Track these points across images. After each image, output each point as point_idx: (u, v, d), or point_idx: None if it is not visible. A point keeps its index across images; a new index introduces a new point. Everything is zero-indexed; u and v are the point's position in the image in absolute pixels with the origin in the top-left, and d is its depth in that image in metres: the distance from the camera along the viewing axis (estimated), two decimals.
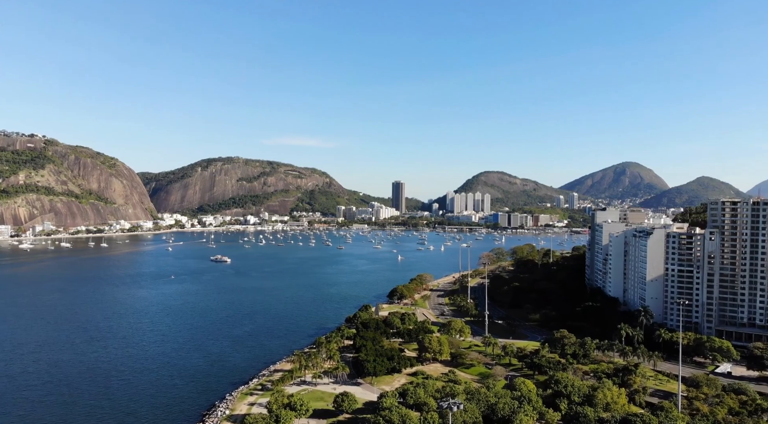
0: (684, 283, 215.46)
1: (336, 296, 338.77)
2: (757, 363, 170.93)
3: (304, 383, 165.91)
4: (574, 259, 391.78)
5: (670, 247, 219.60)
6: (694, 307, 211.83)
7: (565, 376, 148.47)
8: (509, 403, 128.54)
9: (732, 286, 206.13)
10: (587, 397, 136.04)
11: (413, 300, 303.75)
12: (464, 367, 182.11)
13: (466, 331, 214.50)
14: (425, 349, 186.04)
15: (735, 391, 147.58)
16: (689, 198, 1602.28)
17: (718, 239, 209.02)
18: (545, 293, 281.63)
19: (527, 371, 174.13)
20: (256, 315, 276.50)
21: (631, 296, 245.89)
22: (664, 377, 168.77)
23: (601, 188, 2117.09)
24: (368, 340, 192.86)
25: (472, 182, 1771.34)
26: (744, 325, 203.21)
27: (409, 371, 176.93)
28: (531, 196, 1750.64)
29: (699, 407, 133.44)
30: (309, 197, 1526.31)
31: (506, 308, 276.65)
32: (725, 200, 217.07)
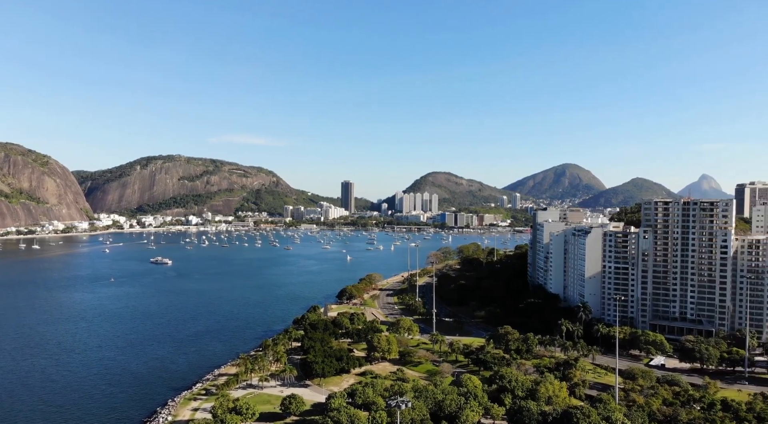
0: (620, 279, 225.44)
1: (284, 297, 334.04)
2: (688, 355, 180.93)
3: (250, 386, 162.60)
4: (517, 257, 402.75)
5: (607, 245, 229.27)
6: (630, 302, 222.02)
7: (509, 371, 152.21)
8: (456, 399, 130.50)
9: (664, 282, 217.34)
10: (530, 391, 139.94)
11: (363, 300, 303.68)
12: (412, 365, 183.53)
13: (415, 329, 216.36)
14: (374, 348, 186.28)
15: (668, 382, 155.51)
16: (625, 198, 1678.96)
17: (651, 237, 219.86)
18: (490, 291, 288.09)
19: (473, 367, 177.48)
20: (200, 318, 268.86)
21: (571, 292, 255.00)
22: (602, 370, 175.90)
23: (542, 189, 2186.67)
24: (316, 341, 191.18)
25: (421, 183, 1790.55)
26: (676, 319, 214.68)
27: (358, 371, 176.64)
28: (476, 196, 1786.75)
29: (635, 399, 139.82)
30: (255, 197, 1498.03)
31: (453, 306, 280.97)
32: (658, 200, 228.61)
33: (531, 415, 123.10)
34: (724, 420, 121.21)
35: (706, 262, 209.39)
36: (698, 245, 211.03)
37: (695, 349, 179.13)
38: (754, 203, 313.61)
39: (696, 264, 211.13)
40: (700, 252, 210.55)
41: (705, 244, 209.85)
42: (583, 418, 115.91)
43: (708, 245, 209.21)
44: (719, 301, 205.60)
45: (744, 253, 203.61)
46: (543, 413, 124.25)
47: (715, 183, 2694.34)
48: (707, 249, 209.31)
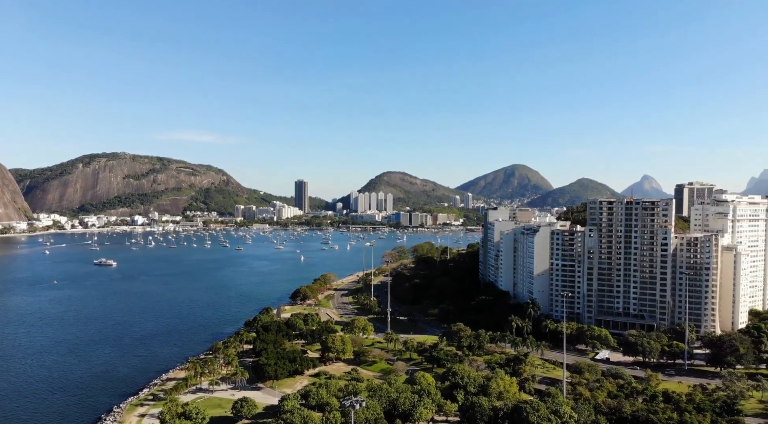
0: (567, 276, 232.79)
1: (235, 299, 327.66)
2: (631, 349, 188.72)
3: (200, 390, 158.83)
4: (469, 256, 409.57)
5: (555, 243, 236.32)
6: (576, 298, 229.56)
7: (461, 368, 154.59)
8: (410, 397, 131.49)
9: (609, 279, 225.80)
10: (482, 387, 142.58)
11: (317, 300, 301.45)
12: (367, 364, 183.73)
13: (369, 329, 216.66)
14: (328, 349, 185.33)
15: (613, 375, 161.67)
16: (571, 198, 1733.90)
17: (596, 235, 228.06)
18: (443, 289, 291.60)
19: (427, 364, 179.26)
20: (147, 322, 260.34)
21: (520, 289, 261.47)
22: (550, 365, 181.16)
23: (493, 189, 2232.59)
24: (269, 343, 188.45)
25: (376, 182, 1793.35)
26: (620, 314, 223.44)
27: (312, 372, 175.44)
28: (430, 196, 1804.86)
29: (582, 392, 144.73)
30: (204, 196, 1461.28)
31: (408, 305, 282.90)
32: (602, 200, 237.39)
33: (482, 411, 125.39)
34: (666, 411, 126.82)
35: (647, 259, 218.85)
36: (640, 243, 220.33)
37: (638, 343, 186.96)
38: (692, 203, 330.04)
39: (638, 261, 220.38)
40: (642, 250, 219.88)
41: (646, 242, 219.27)
42: (532, 412, 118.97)
43: (649, 242, 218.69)
44: (660, 296, 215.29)
45: (683, 250, 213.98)
46: (494, 409, 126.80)
47: (656, 183, 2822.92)
48: (649, 247, 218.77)
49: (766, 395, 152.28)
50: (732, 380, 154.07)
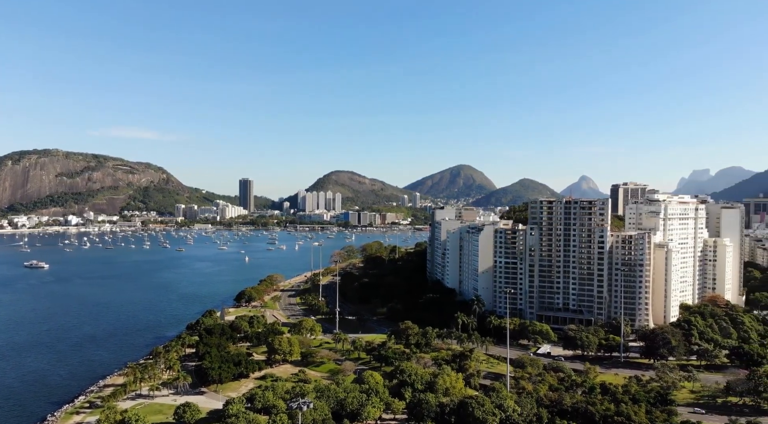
0: (510, 274, 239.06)
1: (176, 302, 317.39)
2: (571, 343, 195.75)
3: (139, 396, 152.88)
4: (417, 254, 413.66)
5: (498, 242, 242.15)
6: (519, 295, 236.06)
7: (409, 365, 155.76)
8: (358, 396, 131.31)
9: (549, 275, 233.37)
10: (429, 384, 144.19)
11: (263, 302, 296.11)
12: (315, 365, 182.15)
13: (317, 329, 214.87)
14: (275, 351, 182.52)
15: (554, 369, 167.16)
16: (513, 198, 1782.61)
17: (537, 234, 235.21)
18: (392, 288, 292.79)
19: (375, 363, 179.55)
20: (83, 326, 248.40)
21: (466, 286, 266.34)
22: (495, 360, 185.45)
23: (439, 188, 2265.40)
24: (212, 346, 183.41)
25: (324, 181, 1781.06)
26: (560, 309, 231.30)
27: (258, 374, 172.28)
28: (379, 195, 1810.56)
29: (524, 386, 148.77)
30: (143, 195, 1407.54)
31: (357, 304, 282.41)
32: (543, 200, 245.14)
33: (429, 407, 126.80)
34: (603, 403, 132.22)
35: (585, 256, 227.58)
36: (578, 241, 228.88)
37: (577, 337, 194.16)
38: (626, 202, 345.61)
39: (577, 258, 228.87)
40: (580, 247, 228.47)
41: (584, 240, 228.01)
42: (477, 407, 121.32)
43: (587, 240, 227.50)
44: (597, 292, 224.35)
45: (618, 247, 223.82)
46: (441, 405, 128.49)
47: (593, 184, 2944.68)
48: (586, 245, 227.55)
49: (696, 385, 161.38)
50: (665, 372, 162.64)
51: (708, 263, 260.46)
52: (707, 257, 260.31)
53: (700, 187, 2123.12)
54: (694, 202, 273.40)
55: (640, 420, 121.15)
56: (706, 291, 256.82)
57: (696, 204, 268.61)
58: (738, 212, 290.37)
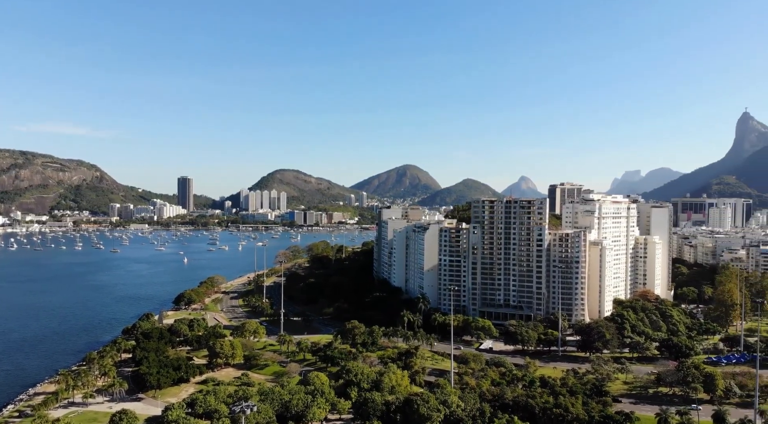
0: (454, 271, 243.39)
1: (111, 305, 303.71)
2: (512, 338, 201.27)
3: (72, 404, 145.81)
4: (363, 253, 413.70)
5: (442, 240, 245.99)
6: (462, 292, 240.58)
7: (355, 365, 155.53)
8: (303, 398, 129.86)
9: (491, 272, 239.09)
10: (375, 382, 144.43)
11: (203, 304, 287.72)
12: (258, 368, 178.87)
13: (261, 331, 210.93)
14: (216, 354, 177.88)
15: (496, 364, 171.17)
16: (457, 197, 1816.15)
17: (479, 232, 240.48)
18: (338, 287, 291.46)
19: (321, 364, 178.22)
20: (11, 333, 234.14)
21: (412, 285, 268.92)
22: (439, 357, 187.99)
23: (386, 188, 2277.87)
24: (150, 351, 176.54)
25: (268, 180, 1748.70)
26: (501, 306, 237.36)
27: (199, 379, 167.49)
28: (325, 194, 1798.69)
29: (468, 381, 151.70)
30: (74, 194, 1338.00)
31: (302, 305, 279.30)
32: (485, 200, 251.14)
33: (375, 406, 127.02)
34: (543, 395, 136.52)
35: (525, 254, 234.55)
36: (518, 239, 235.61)
37: (517, 332, 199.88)
38: (563, 202, 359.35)
39: (517, 256, 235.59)
40: (520, 245, 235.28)
41: (524, 238, 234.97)
42: (422, 404, 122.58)
43: (526, 239, 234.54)
44: (536, 288, 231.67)
45: (556, 245, 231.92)
46: (387, 403, 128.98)
47: (532, 184, 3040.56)
48: (526, 243, 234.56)
49: (629, 377, 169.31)
50: (600, 364, 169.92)
51: (639, 259, 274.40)
52: (638, 254, 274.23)
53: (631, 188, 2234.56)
54: (626, 201, 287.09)
55: (577, 412, 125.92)
56: (638, 286, 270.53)
57: (628, 204, 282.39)
58: (666, 211, 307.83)
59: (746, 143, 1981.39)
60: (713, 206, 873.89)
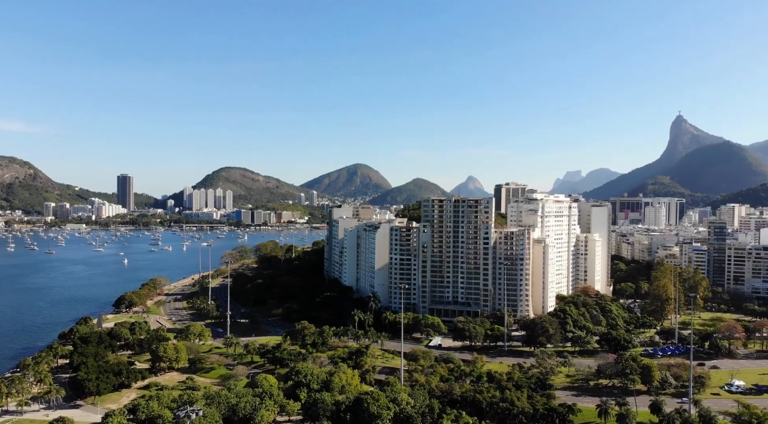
0: (404, 270, 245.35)
1: (46, 309, 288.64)
2: (460, 335, 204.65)
3: (6, 413, 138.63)
4: (314, 253, 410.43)
5: (393, 239, 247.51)
6: (413, 290, 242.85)
7: (305, 366, 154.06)
8: (251, 401, 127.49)
9: (440, 270, 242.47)
10: (325, 383, 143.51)
11: (145, 307, 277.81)
12: (204, 372, 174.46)
13: (206, 334, 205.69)
14: (159, 358, 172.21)
15: (444, 360, 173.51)
16: (408, 196, 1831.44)
17: (429, 231, 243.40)
18: (288, 288, 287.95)
19: (270, 366, 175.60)
20: None
21: (363, 284, 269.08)
22: (390, 355, 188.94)
23: (337, 187, 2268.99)
24: (89, 356, 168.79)
25: (213, 178, 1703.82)
26: (450, 303, 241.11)
27: (141, 384, 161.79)
28: (274, 193, 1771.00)
29: (418, 379, 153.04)
30: (6, 192, 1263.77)
31: (250, 306, 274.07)
32: (434, 199, 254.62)
33: (325, 406, 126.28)
34: (490, 390, 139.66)
35: (472, 252, 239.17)
36: (466, 238, 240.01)
37: (465, 328, 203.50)
38: (508, 201, 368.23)
39: (465, 254, 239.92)
40: (468, 243, 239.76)
41: (471, 236, 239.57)
42: (372, 403, 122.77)
43: (474, 237, 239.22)
44: (483, 285, 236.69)
45: (501, 243, 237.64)
46: (337, 403, 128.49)
47: (479, 183, 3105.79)
48: (473, 241, 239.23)
49: (571, 370, 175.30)
50: (543, 358, 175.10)
51: (580, 256, 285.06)
52: (579, 251, 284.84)
53: (572, 187, 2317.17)
54: (567, 201, 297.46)
55: (523, 405, 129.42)
56: (579, 282, 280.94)
57: (569, 203, 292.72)
58: (606, 210, 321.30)
59: (680, 145, 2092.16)
60: (649, 205, 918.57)
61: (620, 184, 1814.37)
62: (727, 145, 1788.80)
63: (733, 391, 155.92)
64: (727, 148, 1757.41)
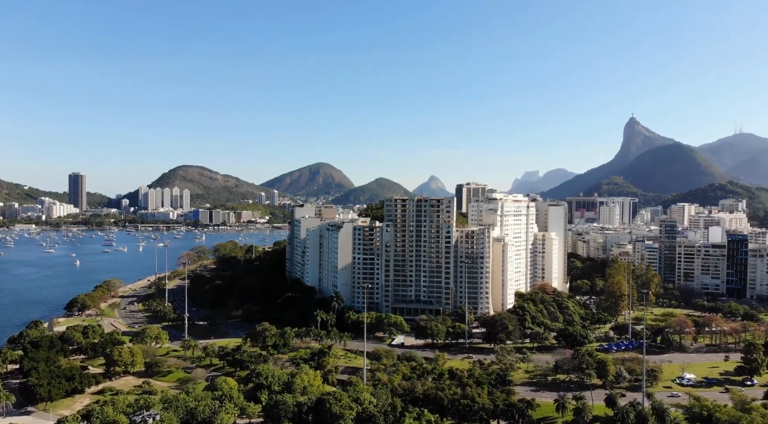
0: (367, 269, 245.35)
1: None
2: (422, 333, 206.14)
3: None
4: (275, 253, 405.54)
5: (356, 238, 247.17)
6: (376, 289, 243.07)
7: (266, 367, 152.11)
8: (210, 404, 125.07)
9: (403, 269, 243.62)
10: (287, 384, 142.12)
11: (99, 310, 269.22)
12: (161, 375, 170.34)
13: (163, 337, 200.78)
14: (114, 362, 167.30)
15: (407, 359, 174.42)
16: (371, 196, 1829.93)
17: (392, 230, 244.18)
18: (248, 289, 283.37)
19: (229, 368, 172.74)
20: None
21: (326, 284, 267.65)
22: (352, 355, 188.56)
23: (299, 186, 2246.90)
24: (40, 361, 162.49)
25: (170, 176, 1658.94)
26: (412, 301, 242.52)
27: (96, 389, 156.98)
28: (233, 192, 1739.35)
29: (380, 377, 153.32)
30: None
31: (209, 308, 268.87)
32: (397, 198, 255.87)
33: (287, 407, 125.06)
34: (451, 387, 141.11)
35: (434, 251, 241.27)
36: (428, 237, 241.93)
37: (427, 327, 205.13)
38: (470, 200, 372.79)
39: (427, 253, 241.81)
40: (430, 242, 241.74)
41: (433, 235, 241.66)
42: (335, 403, 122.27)
43: (436, 236, 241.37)
44: (445, 283, 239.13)
45: (463, 242, 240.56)
46: (298, 404, 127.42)
47: (441, 183, 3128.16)
48: (435, 240, 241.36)
49: (530, 366, 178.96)
50: (503, 355, 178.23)
51: (538, 254, 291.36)
52: (537, 249, 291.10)
53: (531, 187, 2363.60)
54: (526, 200, 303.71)
55: (483, 401, 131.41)
56: (537, 280, 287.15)
57: (528, 202, 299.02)
58: (562, 209, 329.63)
59: (632, 146, 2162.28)
60: (603, 205, 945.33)
61: (576, 184, 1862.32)
62: (677, 146, 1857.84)
63: (684, 384, 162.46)
64: (678, 149, 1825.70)
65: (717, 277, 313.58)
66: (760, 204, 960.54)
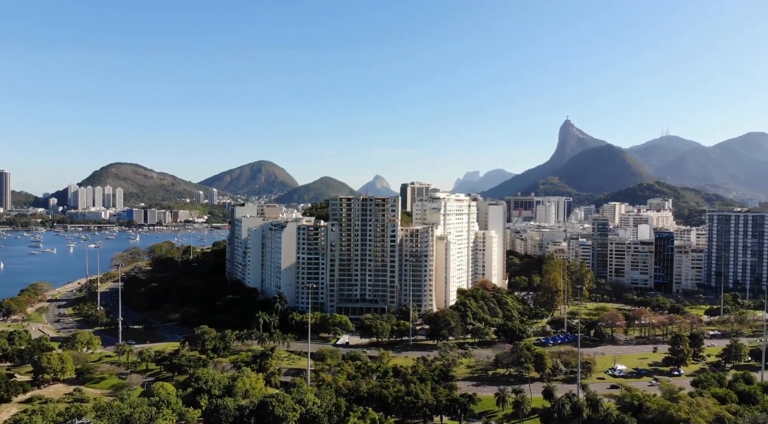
0: (312, 269, 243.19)
1: None
2: (367, 332, 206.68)
3: None
4: (215, 254, 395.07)
5: (301, 238, 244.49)
6: (320, 289, 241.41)
7: (205, 371, 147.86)
8: (146, 410, 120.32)
9: (348, 268, 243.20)
10: (227, 388, 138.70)
11: (25, 315, 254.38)
12: (94, 382, 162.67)
13: (96, 342, 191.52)
14: (42, 370, 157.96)
15: (352, 358, 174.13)
16: (315, 195, 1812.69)
17: (337, 230, 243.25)
18: (186, 291, 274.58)
19: (167, 373, 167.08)
20: None
21: (269, 284, 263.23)
22: (296, 356, 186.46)
23: (239, 185, 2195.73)
24: None
25: (101, 174, 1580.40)
26: (358, 300, 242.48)
27: (23, 398, 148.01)
28: (169, 191, 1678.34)
29: (324, 378, 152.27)
30: None
31: (145, 311, 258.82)
32: (342, 198, 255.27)
33: (228, 412, 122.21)
34: (395, 385, 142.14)
35: (379, 249, 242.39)
36: (374, 236, 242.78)
37: (372, 325, 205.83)
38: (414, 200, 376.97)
39: (372, 252, 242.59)
40: (375, 241, 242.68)
41: (378, 234, 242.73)
42: (278, 405, 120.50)
43: (381, 235, 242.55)
44: (390, 282, 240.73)
45: (407, 241, 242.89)
46: (240, 408, 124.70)
47: (386, 183, 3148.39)
48: (380, 239, 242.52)
49: (471, 361, 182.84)
50: (446, 351, 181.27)
51: (479, 252, 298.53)
52: (478, 247, 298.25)
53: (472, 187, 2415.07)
54: (467, 200, 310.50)
55: (427, 397, 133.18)
56: (478, 277, 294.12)
57: (469, 202, 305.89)
58: (501, 209, 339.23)
59: (567, 148, 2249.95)
60: (540, 204, 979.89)
61: (515, 184, 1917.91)
62: (609, 148, 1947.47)
63: (616, 375, 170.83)
64: (609, 151, 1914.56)
65: (645, 272, 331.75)
66: (684, 203, 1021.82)
